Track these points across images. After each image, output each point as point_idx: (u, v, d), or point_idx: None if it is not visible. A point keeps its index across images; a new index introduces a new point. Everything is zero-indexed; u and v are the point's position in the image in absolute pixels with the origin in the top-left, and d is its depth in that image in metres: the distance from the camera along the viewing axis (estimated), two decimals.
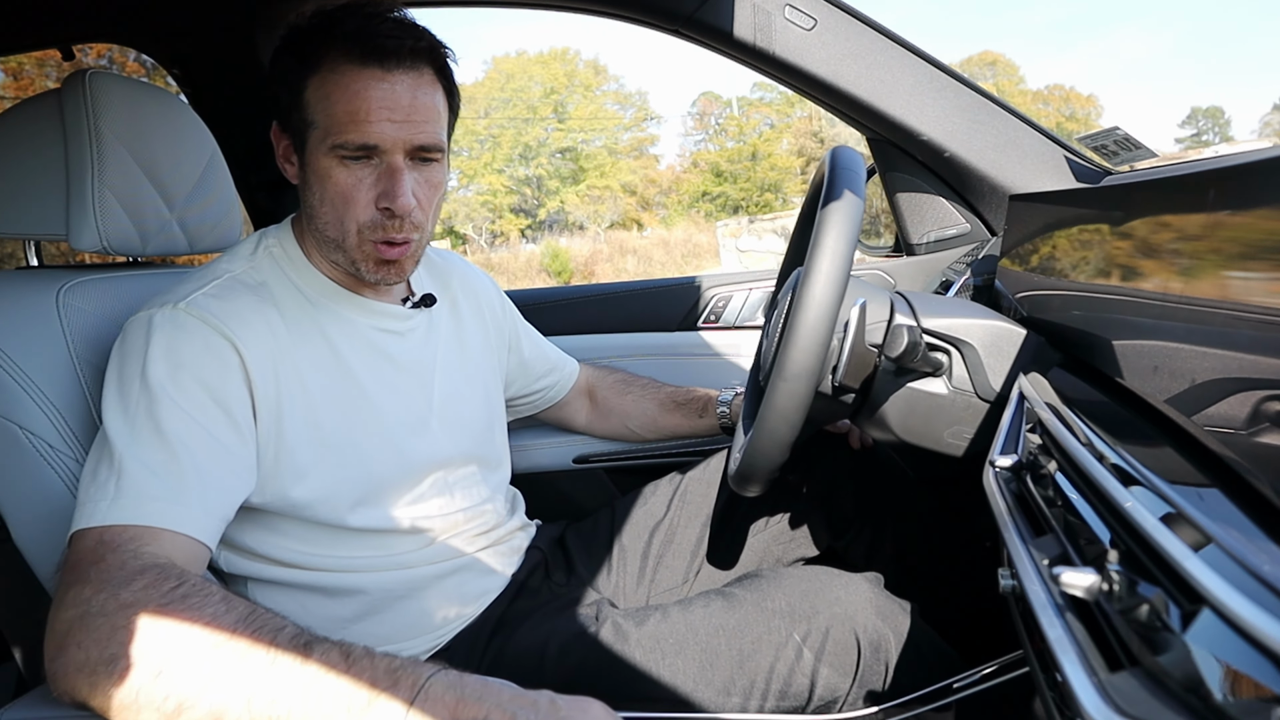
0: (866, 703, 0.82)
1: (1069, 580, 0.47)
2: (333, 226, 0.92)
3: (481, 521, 1.09)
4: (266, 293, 0.94)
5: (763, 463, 0.91)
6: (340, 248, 0.93)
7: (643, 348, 1.52)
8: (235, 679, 0.59)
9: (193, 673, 0.60)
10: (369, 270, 0.95)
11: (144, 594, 0.64)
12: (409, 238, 0.94)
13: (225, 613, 0.63)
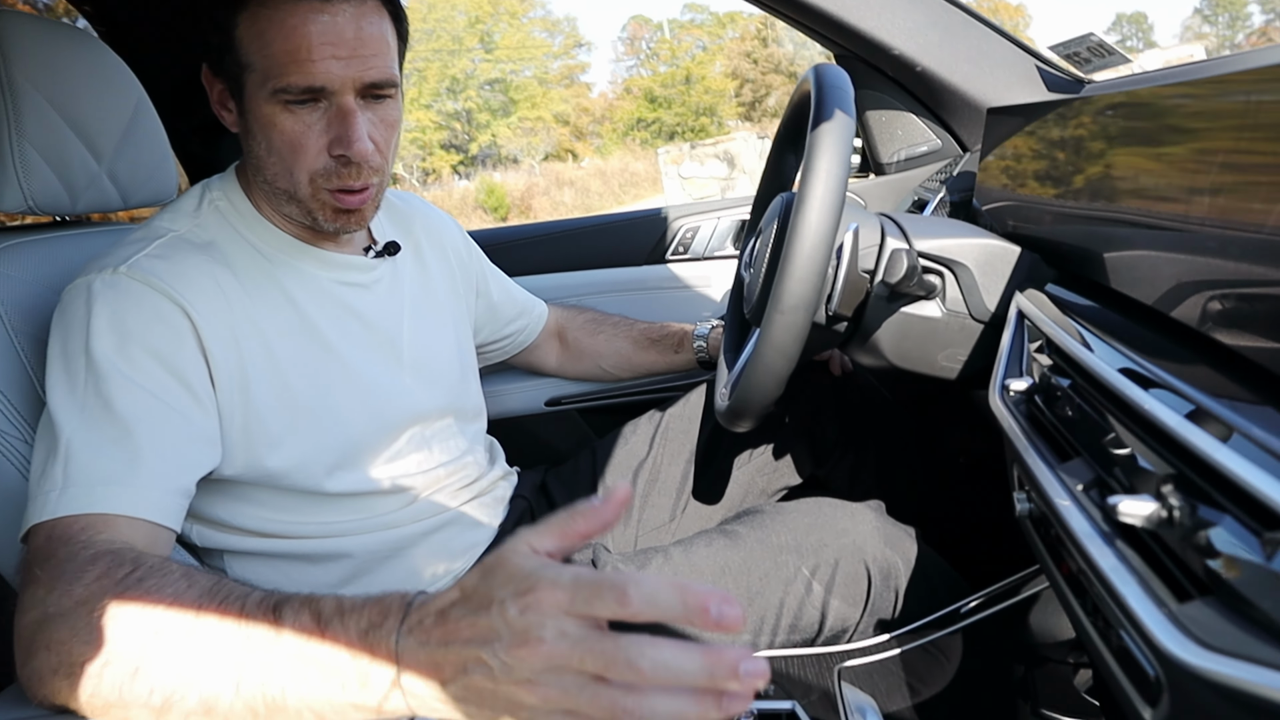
0: (877, 630, 0.82)
1: (1128, 510, 0.45)
2: (282, 178, 0.85)
3: (463, 475, 1.05)
4: (216, 252, 0.86)
5: (758, 398, 0.88)
6: (293, 199, 0.86)
7: (611, 284, 1.47)
8: (216, 662, 0.54)
9: (170, 663, 0.55)
10: (327, 220, 0.88)
11: (98, 585, 0.59)
12: (368, 183, 0.87)
13: (187, 589, 0.58)
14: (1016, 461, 0.73)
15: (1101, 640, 0.54)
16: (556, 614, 0.46)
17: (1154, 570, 0.46)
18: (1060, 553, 0.63)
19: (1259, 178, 0.50)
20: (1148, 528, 0.45)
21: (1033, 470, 0.63)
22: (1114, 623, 0.51)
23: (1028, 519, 0.70)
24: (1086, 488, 0.56)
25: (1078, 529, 0.53)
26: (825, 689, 0.72)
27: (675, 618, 0.47)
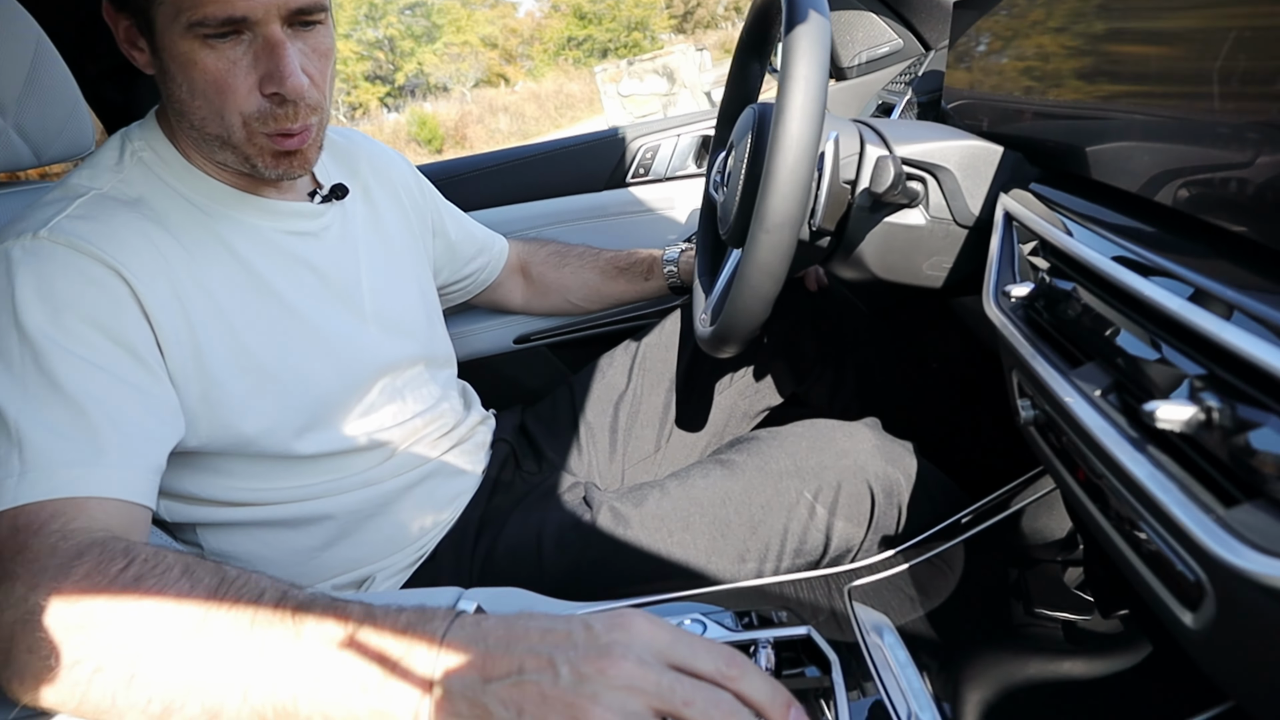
0: (881, 547, 0.82)
1: (1166, 415, 0.43)
2: (212, 122, 0.77)
3: (440, 423, 1.01)
4: (146, 208, 0.78)
5: (745, 322, 0.85)
6: (227, 145, 0.79)
7: (571, 212, 1.41)
8: (223, 667, 0.51)
9: (171, 668, 0.51)
10: (267, 166, 0.81)
11: (89, 581, 0.54)
12: (307, 123, 0.79)
13: (191, 589, 0.54)
14: (1018, 368, 0.71)
15: (1128, 544, 0.53)
16: (647, 643, 0.47)
17: (1191, 475, 0.45)
18: (1072, 459, 0.62)
19: (1238, 58, 0.48)
20: (1186, 432, 0.44)
21: (1042, 377, 0.61)
22: (1145, 528, 0.50)
23: (1033, 426, 0.69)
24: (1104, 393, 0.55)
25: (1103, 436, 0.51)
26: (836, 610, 0.72)
27: (767, 708, 0.48)
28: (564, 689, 0.45)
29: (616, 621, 0.49)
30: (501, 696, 0.46)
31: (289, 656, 0.50)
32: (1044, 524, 0.76)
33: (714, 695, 0.46)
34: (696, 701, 0.46)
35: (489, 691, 0.46)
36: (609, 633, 0.48)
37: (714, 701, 0.46)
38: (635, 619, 0.49)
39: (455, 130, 22.04)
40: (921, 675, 0.63)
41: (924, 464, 0.86)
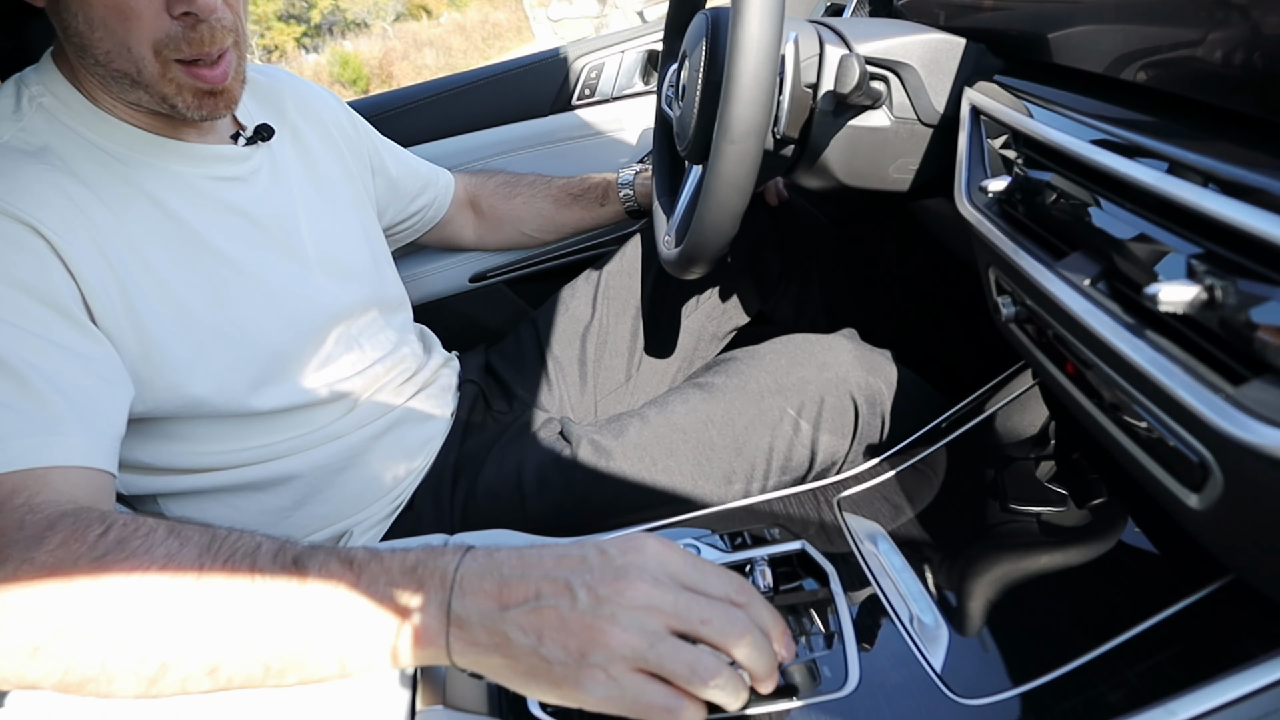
0: (866, 456, 0.82)
1: (1169, 296, 0.42)
2: (119, 56, 0.70)
3: (401, 369, 0.97)
4: (54, 159, 0.72)
5: (714, 240, 0.83)
6: (138, 83, 0.72)
7: (517, 140, 1.35)
8: (222, 623, 0.49)
9: (166, 629, 0.49)
10: (190, 107, 0.75)
11: (65, 552, 0.51)
12: (223, 47, 0.73)
13: (180, 549, 0.51)
14: (995, 265, 0.70)
15: (1124, 433, 0.53)
16: (661, 564, 0.48)
17: (1194, 355, 0.44)
18: (1059, 353, 0.61)
19: None
20: (1189, 313, 0.43)
21: (1025, 271, 0.60)
22: (1143, 414, 0.49)
23: (1014, 323, 0.68)
24: (1093, 282, 0.54)
25: (1097, 325, 0.50)
26: (827, 522, 0.71)
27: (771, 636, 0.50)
28: (582, 612, 0.46)
29: (630, 544, 0.49)
30: (520, 623, 0.46)
31: (294, 603, 0.49)
32: (1021, 422, 0.76)
33: (730, 613, 0.47)
34: (713, 619, 0.47)
35: (507, 619, 0.46)
36: (623, 555, 0.48)
37: (731, 619, 0.47)
38: (648, 541, 0.50)
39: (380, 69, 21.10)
40: (918, 578, 0.64)
41: (903, 371, 0.85)
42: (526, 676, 0.47)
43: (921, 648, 0.57)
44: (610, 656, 0.45)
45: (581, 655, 0.45)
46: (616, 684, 0.45)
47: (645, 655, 0.46)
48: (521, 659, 0.46)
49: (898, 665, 0.56)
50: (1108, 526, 0.61)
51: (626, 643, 0.45)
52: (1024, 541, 0.64)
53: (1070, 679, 0.51)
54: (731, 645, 0.47)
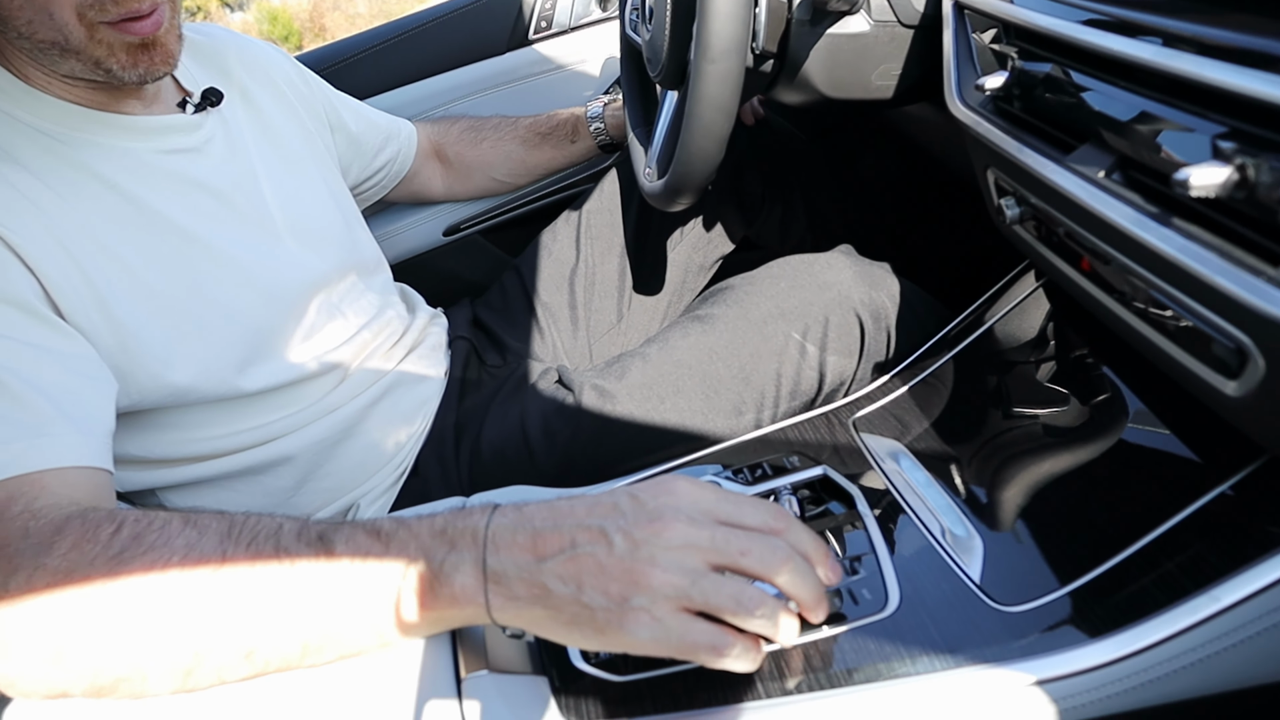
0: (875, 374, 0.81)
1: (1200, 180, 0.40)
2: (41, 26, 0.65)
3: (389, 332, 0.94)
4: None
5: (700, 166, 0.80)
6: (67, 51, 0.67)
7: (476, 83, 1.29)
8: (253, 606, 0.48)
9: (197, 620, 0.48)
10: (124, 67, 0.69)
11: (78, 554, 0.49)
12: (156, 1, 0.68)
13: (200, 538, 0.49)
14: (995, 166, 0.68)
15: (1149, 326, 0.52)
16: (695, 503, 0.47)
17: (1225, 239, 0.43)
18: (1072, 251, 0.60)
19: None
20: (1220, 196, 0.41)
21: (1032, 169, 0.58)
22: (1171, 305, 0.48)
23: (1019, 225, 0.67)
24: (1108, 173, 0.52)
25: (1118, 217, 0.49)
26: (845, 444, 0.71)
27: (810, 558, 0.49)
28: (620, 556, 0.46)
29: (661, 488, 0.49)
30: (559, 573, 0.46)
31: (325, 579, 0.48)
32: (1028, 325, 0.75)
33: (769, 542, 0.47)
34: (753, 550, 0.46)
35: (545, 570, 0.46)
36: (655, 499, 0.48)
37: (771, 548, 0.47)
38: (678, 482, 0.50)
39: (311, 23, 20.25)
40: (944, 490, 0.63)
41: (904, 283, 0.83)
42: (569, 626, 0.47)
43: (958, 560, 0.57)
44: (653, 598, 0.45)
45: (623, 599, 0.45)
46: (661, 625, 0.45)
47: (688, 592, 0.45)
48: (563, 609, 0.46)
49: (936, 580, 0.56)
50: (1130, 420, 0.61)
51: (668, 582, 0.45)
52: (1046, 443, 0.64)
53: (1111, 576, 0.52)
54: (774, 573, 0.47)
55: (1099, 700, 0.48)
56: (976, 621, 0.52)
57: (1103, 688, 0.48)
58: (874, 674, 0.51)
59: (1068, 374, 0.69)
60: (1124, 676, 0.48)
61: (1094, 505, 0.57)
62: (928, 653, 0.51)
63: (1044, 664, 0.48)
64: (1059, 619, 0.50)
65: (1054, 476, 0.61)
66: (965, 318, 0.77)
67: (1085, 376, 0.68)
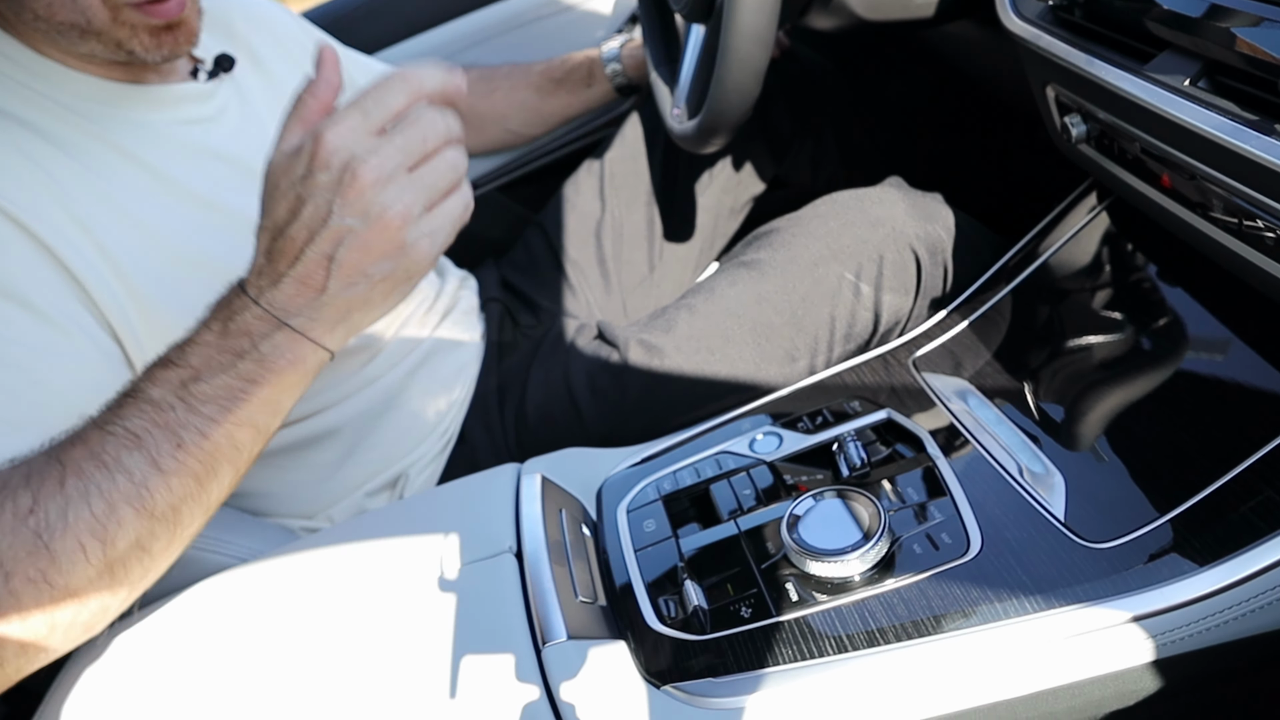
0: (932, 310, 0.78)
1: None
2: (61, 8, 0.62)
3: (420, 298, 0.92)
4: (13, 121, 0.65)
5: (737, 102, 0.76)
6: (87, 33, 0.64)
7: (484, 30, 1.24)
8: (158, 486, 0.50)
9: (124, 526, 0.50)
10: (147, 49, 0.67)
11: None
12: None
13: (47, 460, 0.50)
14: (1058, 81, 0.64)
15: (1244, 243, 0.49)
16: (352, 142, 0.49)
17: None
18: (1147, 168, 0.57)
19: None
20: None
21: (1106, 81, 0.54)
22: (1266, 217, 0.45)
23: (1087, 143, 0.63)
24: (1194, 80, 0.49)
25: (1210, 127, 0.46)
26: (908, 385, 0.68)
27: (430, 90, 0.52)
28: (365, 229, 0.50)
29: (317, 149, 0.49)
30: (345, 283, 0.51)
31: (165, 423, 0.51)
32: (1094, 250, 0.72)
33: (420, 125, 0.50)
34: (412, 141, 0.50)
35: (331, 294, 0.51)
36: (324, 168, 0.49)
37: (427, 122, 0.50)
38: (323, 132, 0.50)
39: None
40: (1016, 427, 0.61)
41: (958, 213, 0.80)
42: (388, 296, 0.54)
43: (1039, 497, 0.55)
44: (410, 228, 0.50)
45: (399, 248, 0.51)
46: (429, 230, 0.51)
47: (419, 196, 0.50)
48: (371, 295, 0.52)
49: (1018, 520, 0.54)
50: (1208, 344, 0.58)
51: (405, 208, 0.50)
52: (1119, 372, 0.62)
53: (1205, 506, 0.50)
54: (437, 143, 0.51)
55: (1202, 632, 0.47)
56: (1066, 560, 0.51)
57: (1208, 619, 0.46)
58: (963, 620, 0.49)
59: (1136, 299, 0.66)
60: (1230, 605, 0.46)
61: (1178, 433, 0.55)
62: (1017, 595, 0.50)
63: (1145, 598, 0.47)
64: (1157, 551, 0.49)
65: (1131, 406, 0.59)
66: (1023, 247, 0.74)
67: (1155, 301, 0.65)
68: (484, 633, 0.52)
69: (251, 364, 0.52)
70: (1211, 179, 0.49)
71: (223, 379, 0.52)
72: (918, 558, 0.53)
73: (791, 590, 0.53)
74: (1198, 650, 0.48)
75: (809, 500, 0.57)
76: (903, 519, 0.56)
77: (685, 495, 0.65)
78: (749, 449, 0.66)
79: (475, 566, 0.57)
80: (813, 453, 0.64)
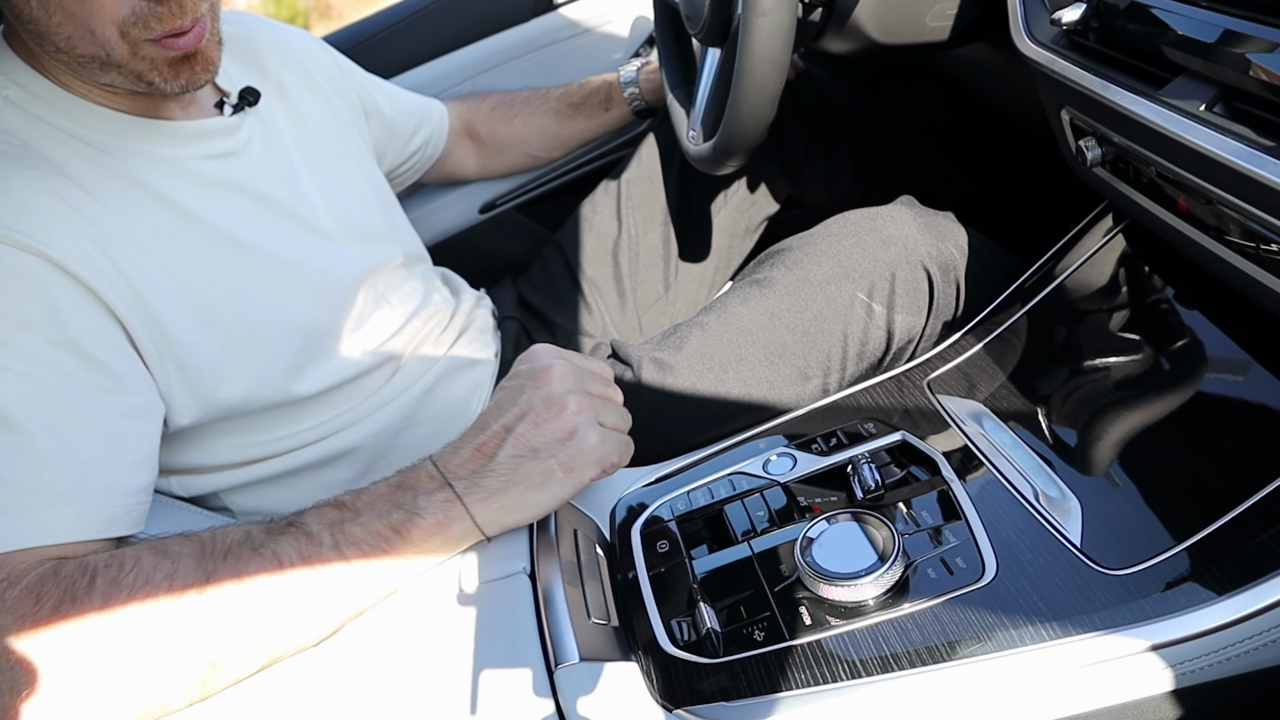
0: (945, 331, 0.78)
1: None
2: (81, 41, 0.62)
3: (436, 318, 0.93)
4: (36, 158, 0.65)
5: (752, 125, 0.77)
6: (108, 65, 0.64)
7: (502, 53, 1.26)
8: (253, 606, 0.52)
9: (202, 634, 0.52)
10: (167, 80, 0.67)
11: (65, 608, 0.51)
12: (198, 15, 0.65)
13: (175, 567, 0.53)
14: (1073, 105, 0.64)
15: (1261, 268, 0.49)
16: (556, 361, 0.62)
17: None
18: (1164, 191, 0.57)
19: None
20: None
21: (1120, 106, 0.54)
22: None
23: (1101, 166, 0.63)
24: (1209, 105, 0.49)
25: (1225, 153, 0.46)
26: (922, 407, 0.68)
27: None
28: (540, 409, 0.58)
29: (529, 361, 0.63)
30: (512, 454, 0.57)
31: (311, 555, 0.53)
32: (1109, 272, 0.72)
33: None
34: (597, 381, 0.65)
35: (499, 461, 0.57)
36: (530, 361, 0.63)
37: None
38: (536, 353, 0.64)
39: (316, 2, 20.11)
40: (1031, 451, 0.61)
41: (971, 232, 0.80)
42: (542, 487, 0.57)
43: (1054, 522, 0.55)
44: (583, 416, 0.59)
45: (569, 432, 0.58)
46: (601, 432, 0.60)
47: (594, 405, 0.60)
48: (529, 475, 0.57)
49: (1034, 545, 0.54)
50: (1226, 369, 0.58)
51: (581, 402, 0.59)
52: (1136, 396, 0.61)
53: (1224, 534, 0.49)
54: None
55: (1221, 662, 0.46)
56: (1082, 586, 0.50)
57: (1227, 649, 0.46)
58: (978, 647, 0.49)
59: (1153, 323, 0.66)
60: (1250, 636, 0.45)
61: (1196, 458, 0.55)
62: (1033, 622, 0.49)
63: (1162, 627, 0.46)
64: (1175, 579, 0.48)
65: (1148, 430, 0.59)
66: (1039, 268, 0.74)
67: (1172, 324, 0.65)
68: (497, 653, 0.53)
69: (404, 515, 0.55)
70: (1227, 204, 0.48)
71: (375, 525, 0.55)
72: (932, 582, 0.53)
73: (805, 614, 0.53)
74: (1217, 681, 0.47)
75: (823, 523, 0.57)
76: (917, 543, 0.56)
77: (699, 516, 0.65)
78: (763, 470, 0.66)
79: (489, 586, 0.57)
80: (827, 474, 0.64)
